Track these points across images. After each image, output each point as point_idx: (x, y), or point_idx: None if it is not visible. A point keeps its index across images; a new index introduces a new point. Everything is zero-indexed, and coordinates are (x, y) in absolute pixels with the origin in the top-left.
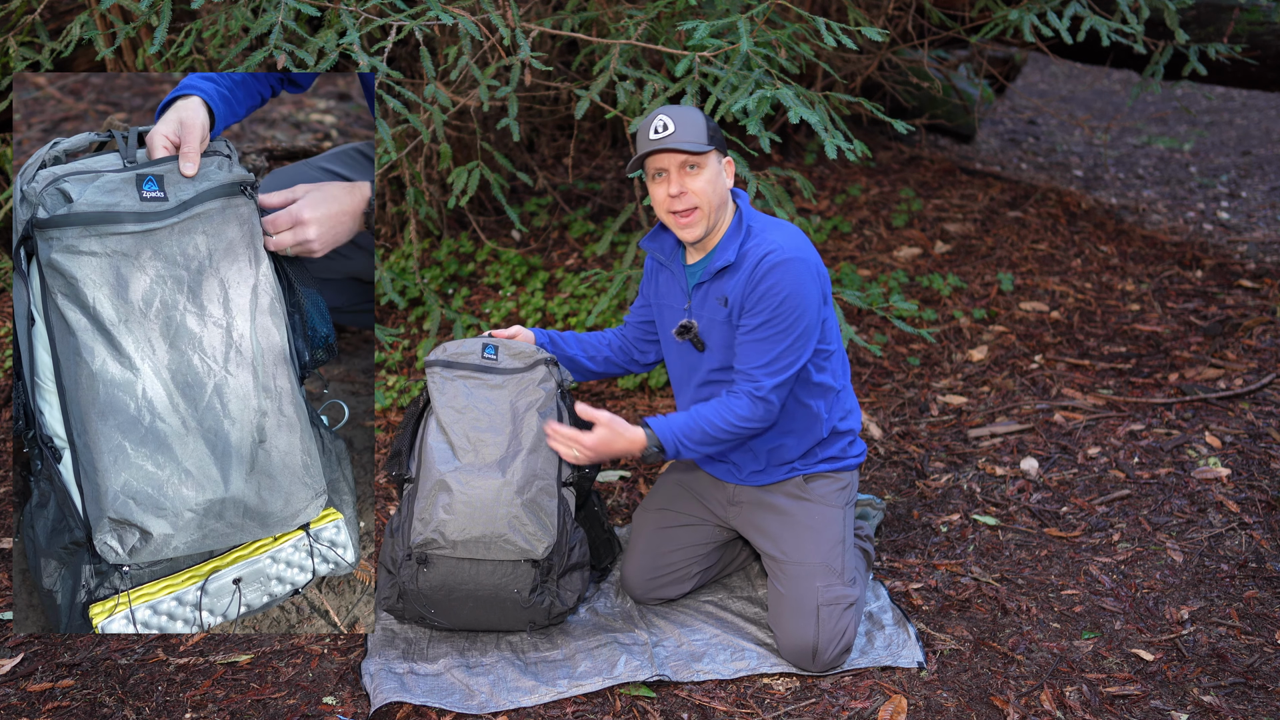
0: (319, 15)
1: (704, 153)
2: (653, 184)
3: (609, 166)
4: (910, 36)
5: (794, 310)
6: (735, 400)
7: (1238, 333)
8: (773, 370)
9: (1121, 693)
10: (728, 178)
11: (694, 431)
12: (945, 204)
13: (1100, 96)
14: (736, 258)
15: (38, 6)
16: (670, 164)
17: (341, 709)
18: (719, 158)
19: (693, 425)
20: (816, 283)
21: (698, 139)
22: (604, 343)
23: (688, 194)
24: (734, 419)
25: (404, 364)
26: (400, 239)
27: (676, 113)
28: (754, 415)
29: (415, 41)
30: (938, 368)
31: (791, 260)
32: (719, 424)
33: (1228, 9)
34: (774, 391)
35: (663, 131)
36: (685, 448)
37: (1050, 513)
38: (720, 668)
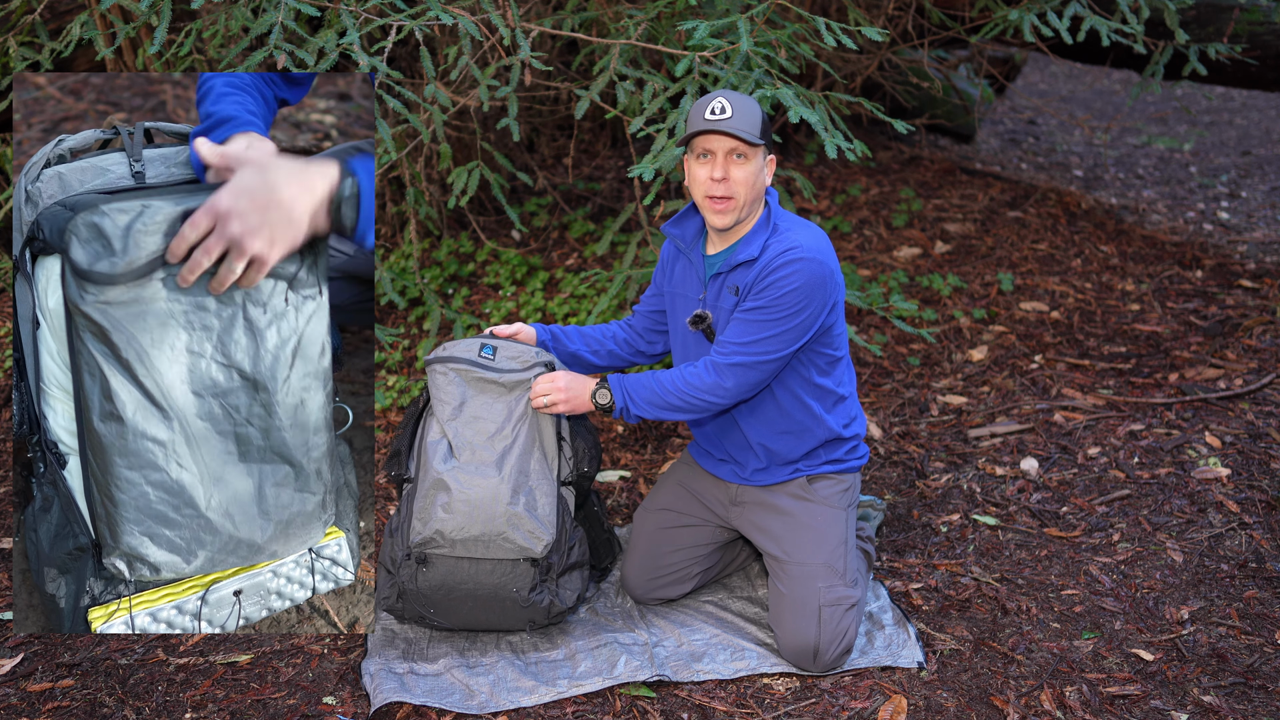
0: (319, 15)
1: (755, 145)
2: (697, 163)
3: (609, 166)
4: (910, 36)
5: (791, 305)
6: (693, 366)
7: (1238, 333)
8: (744, 349)
9: (1121, 693)
10: (768, 175)
11: (643, 388)
12: (945, 204)
13: (1100, 96)
14: (759, 252)
15: (38, 6)
16: (719, 147)
17: (341, 709)
18: (765, 153)
19: (644, 381)
20: (825, 288)
21: (752, 129)
22: (608, 335)
23: (729, 181)
24: (684, 383)
25: (404, 364)
26: (400, 239)
27: (736, 99)
28: (704, 384)
29: (415, 41)
30: (938, 368)
31: (807, 260)
32: (669, 385)
33: (1228, 9)
34: (733, 369)
35: (719, 114)
36: (632, 401)
37: (1050, 513)
38: (720, 668)
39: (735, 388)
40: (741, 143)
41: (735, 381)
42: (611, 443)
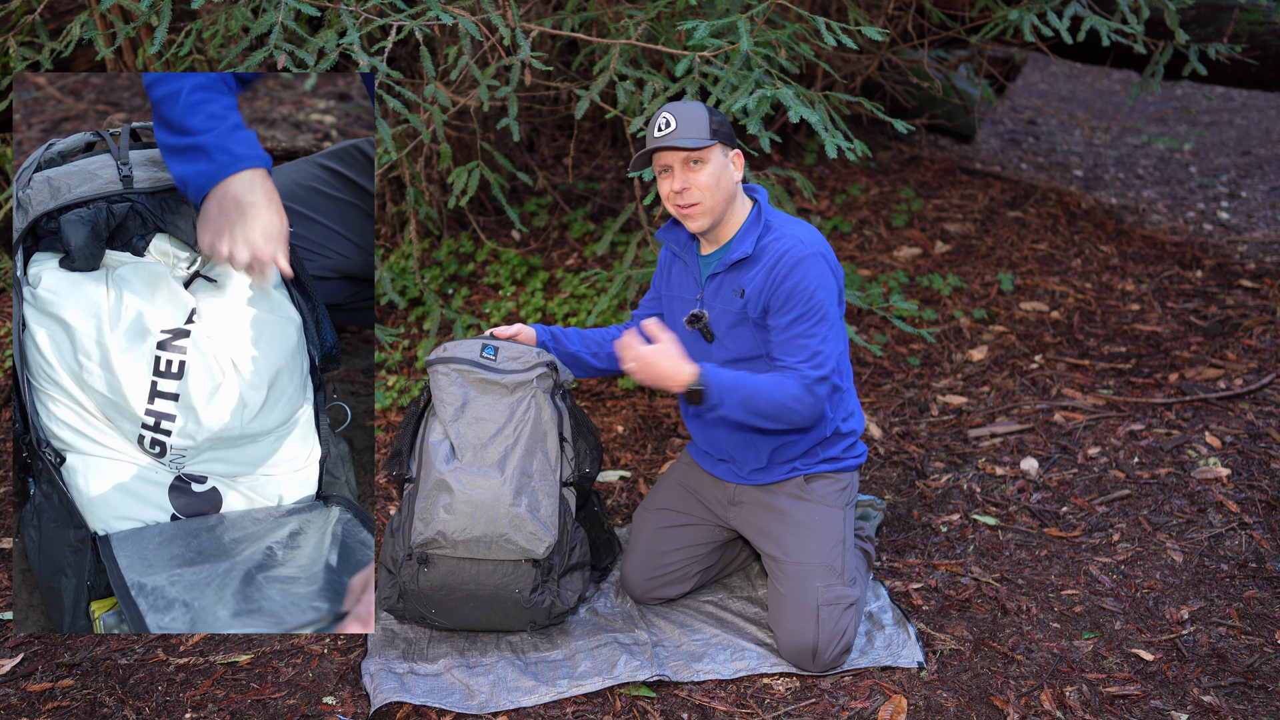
0: (319, 15)
1: (704, 148)
2: (660, 179)
3: (609, 166)
4: (910, 36)
5: (823, 301)
6: (789, 380)
7: (1238, 333)
8: (815, 364)
9: (1121, 693)
10: (736, 170)
11: (739, 390)
12: (945, 204)
13: (1100, 96)
14: (755, 251)
15: (38, 6)
16: (674, 160)
17: (341, 709)
18: (725, 151)
19: (741, 383)
20: (834, 279)
21: (699, 134)
22: (607, 338)
23: (691, 189)
24: (782, 395)
25: (404, 364)
26: (400, 239)
27: (679, 109)
28: (802, 401)
29: (415, 41)
30: (938, 368)
31: (812, 255)
32: (766, 393)
33: (1228, 9)
34: (818, 384)
35: (665, 129)
36: (726, 400)
37: (1050, 513)
38: (720, 668)
39: (825, 400)
40: (691, 151)
41: (824, 393)
42: (612, 443)
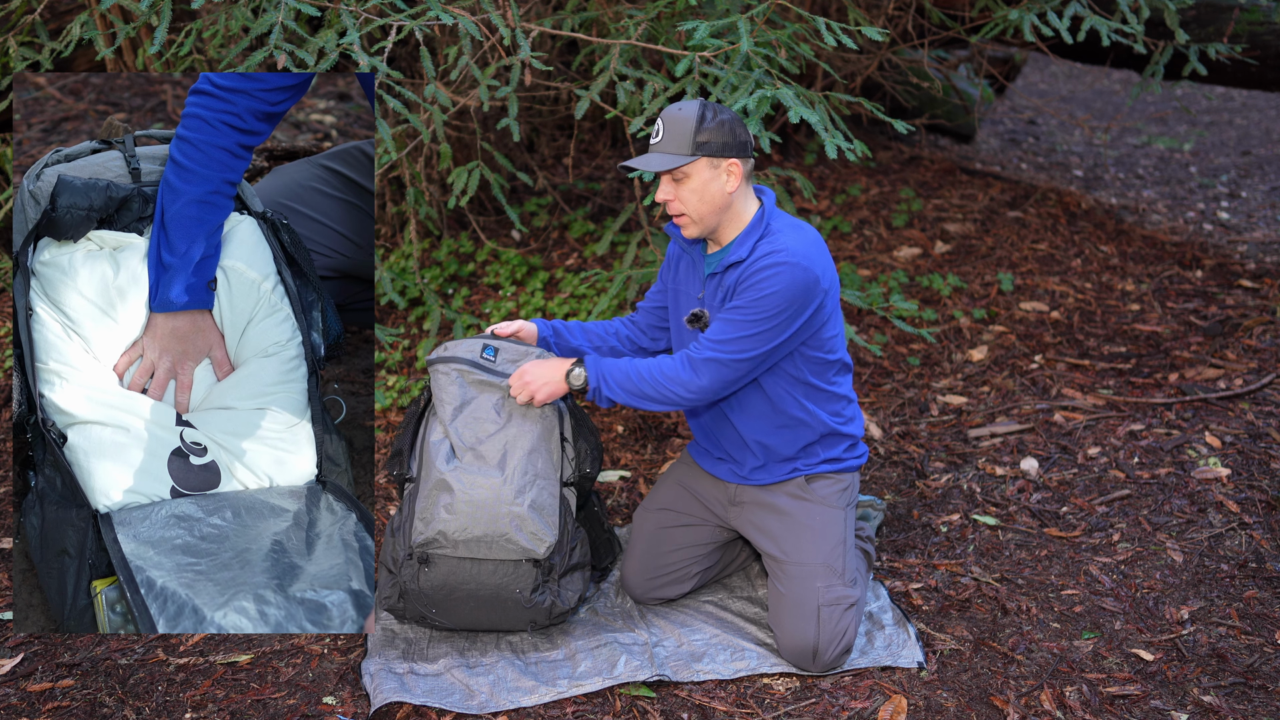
0: (319, 15)
1: (683, 165)
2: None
3: (609, 166)
4: (910, 36)
5: (769, 307)
6: (670, 359)
7: (1238, 333)
8: (719, 346)
9: (1121, 693)
10: (730, 180)
11: (618, 372)
12: (945, 204)
13: (1100, 96)
14: (749, 255)
15: (38, 6)
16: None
17: (341, 709)
18: (711, 164)
19: (621, 367)
20: (808, 293)
21: (680, 149)
22: (610, 332)
23: (675, 200)
24: (659, 373)
25: (404, 364)
26: (400, 239)
27: (672, 117)
28: (679, 376)
29: (415, 41)
30: (938, 368)
31: (790, 265)
32: (645, 374)
33: (1228, 9)
34: (707, 364)
35: (655, 137)
36: (606, 384)
37: (1050, 513)
38: (720, 668)
39: (709, 384)
40: (667, 171)
41: (710, 378)
42: (612, 443)
